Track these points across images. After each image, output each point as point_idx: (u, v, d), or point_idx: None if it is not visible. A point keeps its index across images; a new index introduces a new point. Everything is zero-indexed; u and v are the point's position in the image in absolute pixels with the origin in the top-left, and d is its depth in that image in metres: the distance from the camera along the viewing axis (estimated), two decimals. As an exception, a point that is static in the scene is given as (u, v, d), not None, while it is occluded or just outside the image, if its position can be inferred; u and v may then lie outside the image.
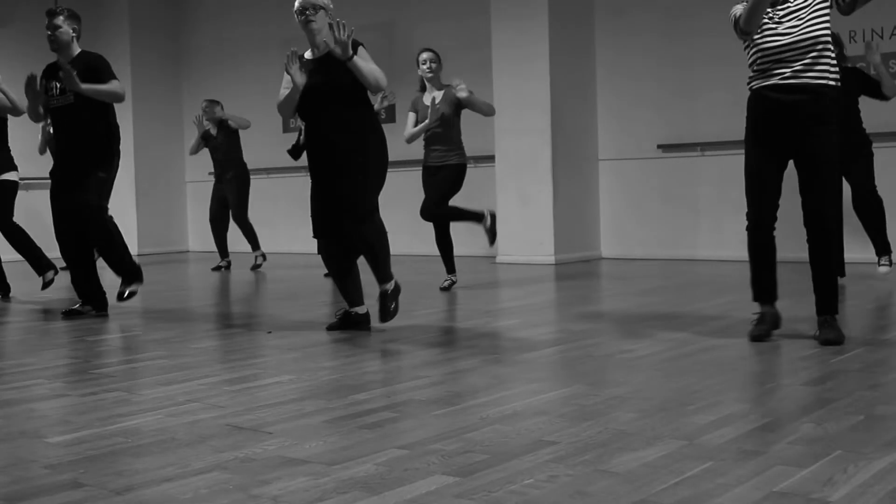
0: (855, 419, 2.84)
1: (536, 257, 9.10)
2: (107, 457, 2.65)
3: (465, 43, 10.12)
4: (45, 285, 7.52)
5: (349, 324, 5.08)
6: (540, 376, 3.74)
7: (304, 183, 11.69)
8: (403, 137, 7.07)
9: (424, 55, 7.03)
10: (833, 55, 4.34)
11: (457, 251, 7.30)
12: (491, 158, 9.60)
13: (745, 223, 4.67)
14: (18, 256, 7.80)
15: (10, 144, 7.66)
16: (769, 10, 4.32)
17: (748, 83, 4.42)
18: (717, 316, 5.16)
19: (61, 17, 5.96)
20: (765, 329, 4.41)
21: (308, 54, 5.05)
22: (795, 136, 4.30)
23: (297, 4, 4.91)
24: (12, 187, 7.67)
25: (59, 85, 5.94)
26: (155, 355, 4.45)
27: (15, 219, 7.73)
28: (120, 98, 5.89)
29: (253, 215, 9.75)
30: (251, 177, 9.74)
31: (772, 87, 4.29)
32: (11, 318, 6.23)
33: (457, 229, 8.86)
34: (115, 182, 7.63)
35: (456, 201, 7.06)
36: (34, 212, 9.72)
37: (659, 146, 9.20)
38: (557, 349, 4.37)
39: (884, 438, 2.62)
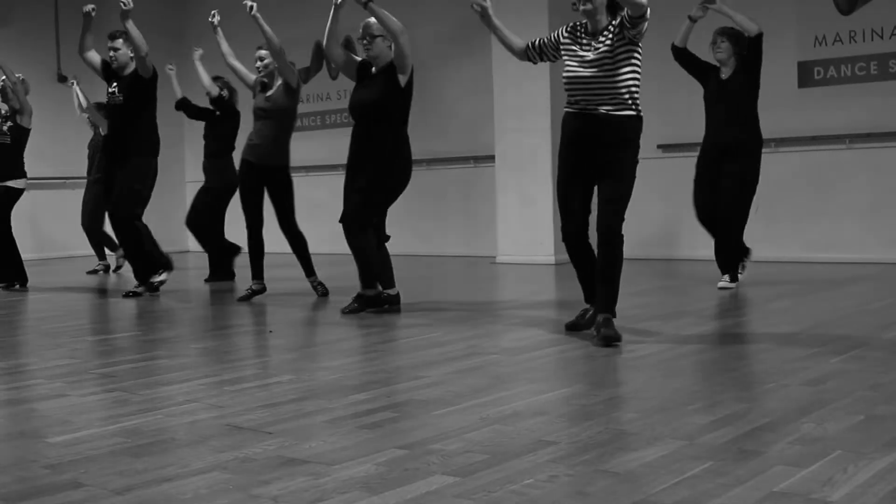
0: (855, 419, 2.84)
1: (536, 257, 9.10)
2: (107, 457, 2.65)
3: (465, 43, 10.12)
4: None
5: (372, 303, 5.65)
6: (540, 376, 3.74)
7: (302, 183, 11.70)
8: None
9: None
10: None
11: (456, 251, 7.29)
12: (491, 158, 9.60)
13: (562, 239, 4.90)
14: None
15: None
16: None
17: None
18: (717, 316, 5.16)
19: (120, 41, 6.86)
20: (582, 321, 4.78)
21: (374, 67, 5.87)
22: None
23: (360, 30, 5.94)
24: (16, 194, 8.14)
25: (116, 85, 6.94)
26: (155, 355, 4.46)
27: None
28: (143, 49, 6.84)
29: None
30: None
31: None
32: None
33: (456, 229, 8.90)
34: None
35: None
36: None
37: (659, 146, 9.20)
38: (557, 349, 4.37)
39: (884, 438, 2.62)
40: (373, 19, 5.84)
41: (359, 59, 5.98)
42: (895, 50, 7.96)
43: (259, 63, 6.76)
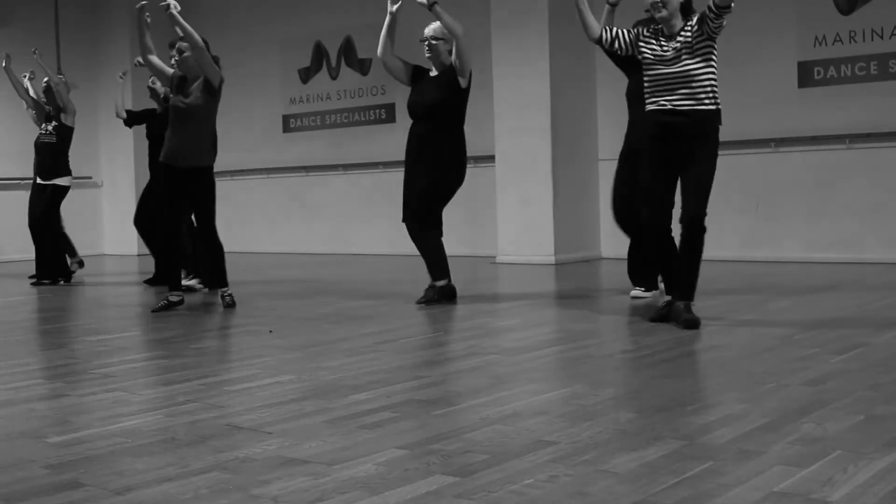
0: (855, 419, 2.84)
1: (536, 257, 9.10)
2: (107, 457, 2.65)
3: (465, 43, 10.11)
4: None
5: (444, 294, 6.06)
6: (540, 376, 3.74)
7: (302, 183, 11.72)
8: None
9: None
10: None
11: (456, 251, 7.29)
12: (491, 158, 9.60)
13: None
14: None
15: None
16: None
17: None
18: (717, 316, 5.16)
19: (186, 45, 6.71)
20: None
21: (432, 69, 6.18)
22: None
23: (423, 33, 6.15)
24: (62, 192, 8.42)
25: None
26: (155, 355, 4.46)
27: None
28: (199, 43, 6.37)
29: (252, 215, 9.74)
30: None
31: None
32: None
33: (457, 229, 8.89)
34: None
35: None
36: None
37: (659, 146, 9.19)
38: (557, 349, 4.37)
39: (884, 438, 2.62)
40: (433, 24, 6.11)
41: (412, 63, 6.30)
42: (895, 50, 7.96)
43: (177, 56, 6.23)
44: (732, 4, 4.54)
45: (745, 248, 8.55)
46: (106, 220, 12.74)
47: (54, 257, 8.42)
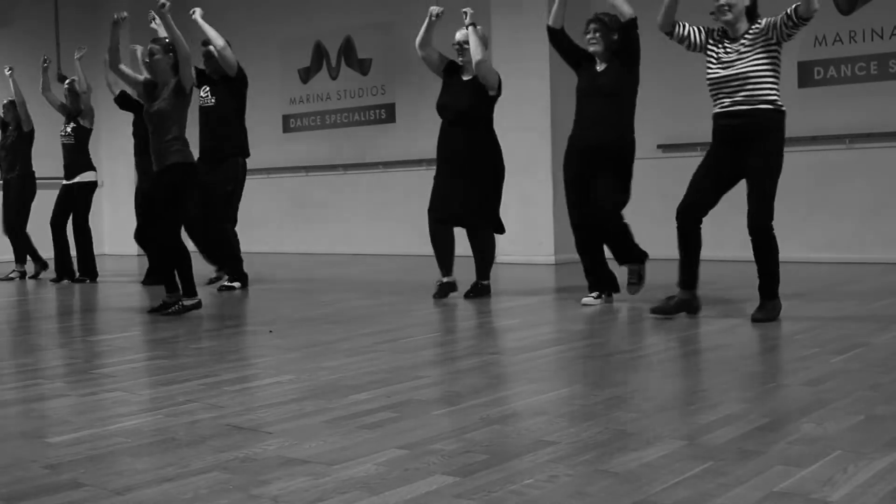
0: (855, 419, 2.84)
1: (536, 257, 9.10)
2: (107, 457, 2.65)
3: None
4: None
5: (478, 292, 6.41)
6: (540, 376, 3.74)
7: (302, 183, 11.72)
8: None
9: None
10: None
11: (457, 251, 7.28)
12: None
13: (745, 223, 5.01)
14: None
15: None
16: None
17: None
18: (717, 316, 5.16)
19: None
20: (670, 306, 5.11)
21: (463, 72, 6.33)
22: None
23: (456, 37, 6.30)
24: (90, 187, 8.56)
25: (208, 88, 7.40)
26: (155, 355, 4.46)
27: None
28: (223, 47, 7.05)
29: (252, 215, 9.73)
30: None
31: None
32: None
33: (457, 229, 8.85)
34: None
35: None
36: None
37: (659, 146, 9.20)
38: (557, 349, 4.37)
39: (884, 438, 2.62)
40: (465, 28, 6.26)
41: (448, 58, 6.40)
42: (895, 50, 7.96)
43: (147, 59, 6.10)
44: (812, 17, 4.72)
45: (745, 248, 8.51)
46: (106, 220, 12.73)
47: (88, 255, 8.58)
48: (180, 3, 7.67)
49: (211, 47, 7.28)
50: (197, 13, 7.23)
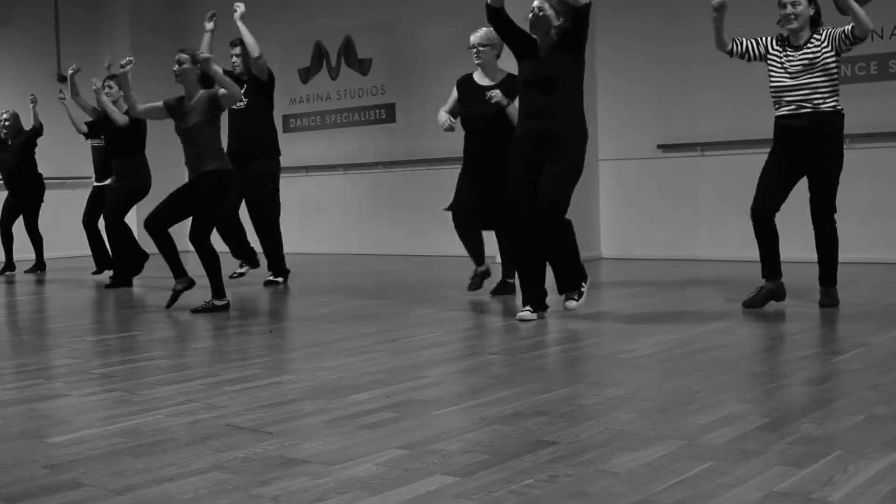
0: (855, 419, 2.84)
1: (536, 257, 9.08)
2: (107, 457, 2.65)
3: (465, 43, 10.12)
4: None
5: (502, 290, 6.44)
6: (540, 376, 3.74)
7: (302, 183, 11.71)
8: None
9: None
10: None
11: (457, 251, 7.30)
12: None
13: (745, 223, 5.31)
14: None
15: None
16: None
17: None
18: (717, 316, 5.16)
19: (239, 48, 7.20)
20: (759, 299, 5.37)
21: (477, 76, 6.33)
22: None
23: (471, 40, 6.26)
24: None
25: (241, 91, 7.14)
26: (155, 355, 4.45)
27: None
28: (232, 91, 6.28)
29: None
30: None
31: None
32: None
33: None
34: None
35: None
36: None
37: (659, 146, 9.20)
38: (557, 349, 4.37)
39: (884, 438, 2.62)
40: (480, 30, 6.25)
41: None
42: (895, 50, 7.96)
43: (176, 67, 6.01)
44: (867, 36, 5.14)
45: (745, 248, 8.54)
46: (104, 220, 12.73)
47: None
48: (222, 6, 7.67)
49: (239, 49, 7.54)
50: (238, 12, 7.23)
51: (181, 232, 6.57)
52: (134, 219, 8.79)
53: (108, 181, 8.47)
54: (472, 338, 4.81)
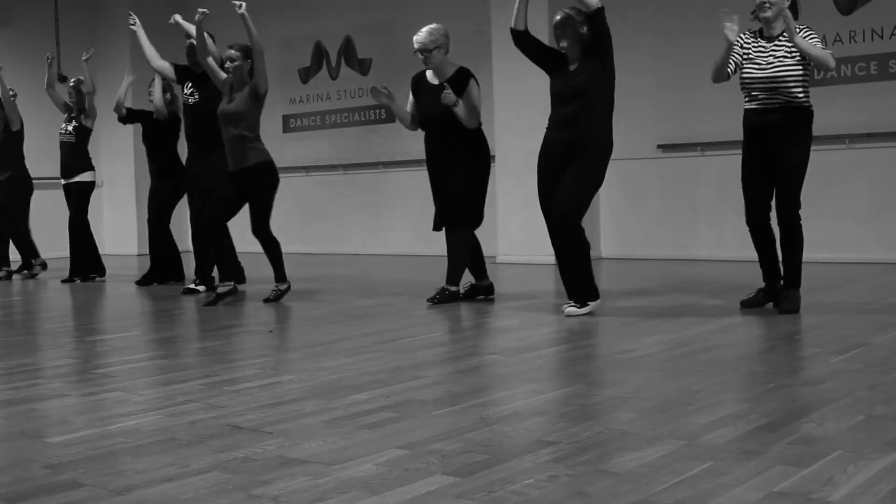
0: (855, 419, 2.84)
1: (536, 257, 9.10)
2: (107, 457, 2.65)
3: (465, 43, 10.12)
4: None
5: (477, 293, 6.33)
6: (540, 376, 3.74)
7: (302, 183, 11.71)
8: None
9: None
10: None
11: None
12: (491, 158, 9.58)
13: (745, 224, 5.27)
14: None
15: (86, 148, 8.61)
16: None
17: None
18: (717, 316, 5.16)
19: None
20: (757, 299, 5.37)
21: (429, 75, 6.31)
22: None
23: (415, 45, 6.18)
24: (88, 187, 8.57)
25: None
26: (155, 355, 4.46)
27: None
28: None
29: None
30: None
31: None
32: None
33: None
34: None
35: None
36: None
37: (659, 146, 9.20)
38: (557, 349, 4.37)
39: (884, 438, 2.62)
40: (422, 30, 6.31)
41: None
42: (895, 50, 7.96)
43: (229, 65, 6.54)
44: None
45: (745, 248, 8.54)
46: (106, 221, 12.73)
47: (88, 253, 8.64)
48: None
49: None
50: (243, 6, 7.13)
51: (182, 232, 6.57)
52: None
53: (74, 179, 8.46)
54: (472, 338, 4.80)
